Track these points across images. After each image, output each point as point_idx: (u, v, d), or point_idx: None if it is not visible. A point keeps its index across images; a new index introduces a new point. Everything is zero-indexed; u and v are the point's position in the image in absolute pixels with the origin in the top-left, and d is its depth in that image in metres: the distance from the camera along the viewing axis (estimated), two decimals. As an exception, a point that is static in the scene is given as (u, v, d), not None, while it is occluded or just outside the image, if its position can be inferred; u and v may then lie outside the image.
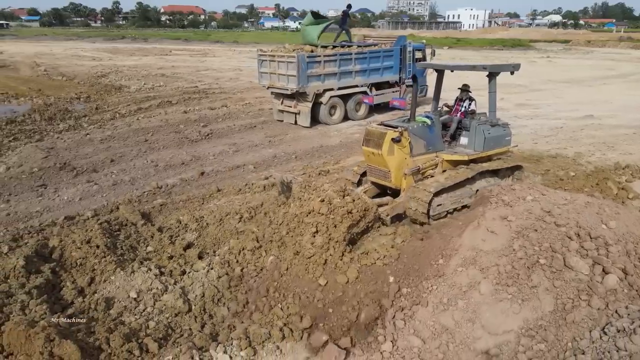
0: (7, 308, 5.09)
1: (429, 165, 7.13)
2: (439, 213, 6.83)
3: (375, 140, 6.80)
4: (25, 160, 10.66)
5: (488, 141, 7.30)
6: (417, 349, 4.30)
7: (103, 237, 6.44)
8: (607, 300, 4.00)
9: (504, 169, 7.70)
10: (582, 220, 4.67)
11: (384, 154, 6.69)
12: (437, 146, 7.30)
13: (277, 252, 5.79)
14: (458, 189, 7.01)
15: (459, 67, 7.94)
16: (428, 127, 7.10)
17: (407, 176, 6.92)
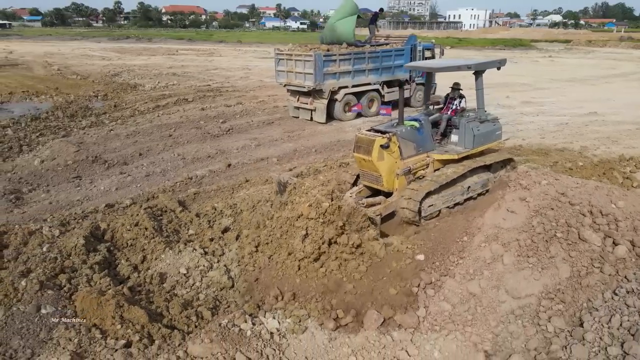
0: (74, 280, 5.65)
1: (420, 166, 7.16)
2: (430, 214, 6.88)
3: (364, 147, 6.79)
4: (58, 153, 11.21)
5: (477, 138, 7.39)
6: (447, 312, 4.85)
7: (150, 221, 7.02)
8: (617, 267, 4.54)
9: (496, 163, 7.79)
10: (593, 200, 5.21)
11: (374, 160, 6.70)
12: (428, 146, 7.31)
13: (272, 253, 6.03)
14: (449, 188, 7.06)
15: (445, 68, 7.95)
16: (417, 129, 7.13)
17: (399, 176, 6.95)
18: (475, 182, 7.43)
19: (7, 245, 6.56)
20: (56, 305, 5.20)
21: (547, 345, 4.15)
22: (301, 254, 5.60)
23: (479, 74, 7.41)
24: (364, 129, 7.27)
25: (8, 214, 8.19)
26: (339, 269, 5.53)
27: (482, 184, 7.54)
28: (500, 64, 7.54)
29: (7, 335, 4.80)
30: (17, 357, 4.55)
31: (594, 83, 24.07)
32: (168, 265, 6.30)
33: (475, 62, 7.38)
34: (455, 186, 7.15)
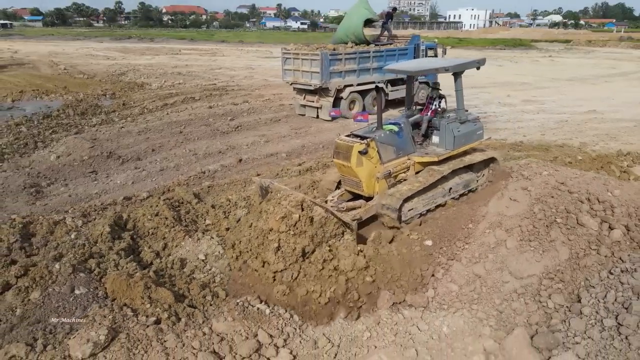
0: (103, 265, 6.01)
1: (401, 169, 7.10)
2: (411, 217, 6.81)
3: (343, 153, 6.69)
4: (73, 149, 11.57)
5: (458, 139, 7.30)
6: (455, 292, 5.20)
7: (169, 211, 7.38)
8: (613, 249, 4.89)
9: (479, 163, 7.72)
10: (591, 189, 5.57)
11: (352, 166, 6.62)
12: (408, 149, 7.23)
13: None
14: (430, 191, 6.98)
15: (423, 70, 7.85)
16: (396, 133, 7.03)
17: (380, 180, 6.87)
18: (457, 183, 7.39)
19: (35, 234, 6.90)
20: (88, 286, 5.56)
21: (548, 320, 4.50)
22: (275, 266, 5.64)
23: (457, 75, 7.33)
24: (343, 134, 7.17)
25: (31, 206, 8.54)
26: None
27: (464, 184, 7.52)
28: (479, 63, 7.42)
29: (46, 313, 5.16)
30: (56, 332, 4.91)
31: (594, 82, 24.43)
32: (188, 252, 6.65)
33: (453, 64, 7.26)
34: (436, 188, 7.08)
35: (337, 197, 7.29)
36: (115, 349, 4.70)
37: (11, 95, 18.50)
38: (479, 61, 7.46)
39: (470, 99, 18.60)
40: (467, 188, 7.60)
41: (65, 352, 4.66)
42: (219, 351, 4.80)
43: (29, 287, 5.40)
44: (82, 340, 4.73)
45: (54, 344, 4.79)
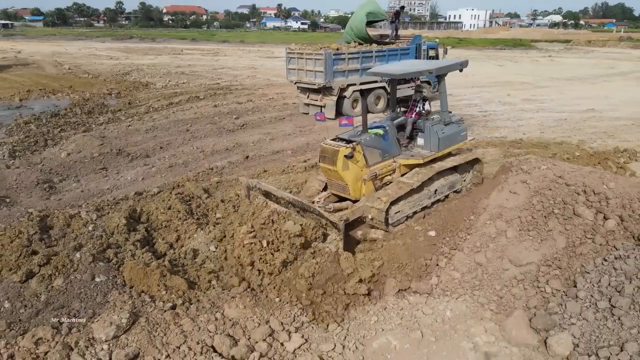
0: (120, 255, 6.28)
1: (387, 172, 7.18)
2: (398, 220, 6.87)
3: (329, 157, 6.70)
4: (83, 147, 11.84)
5: (442, 141, 7.39)
6: (457, 280, 5.46)
7: (181, 205, 7.65)
8: (607, 238, 5.15)
9: (463, 164, 7.84)
10: (587, 182, 5.83)
11: (339, 170, 6.64)
12: (393, 152, 7.31)
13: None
14: (416, 193, 7.04)
15: (407, 73, 7.93)
16: (381, 136, 7.09)
17: (367, 182, 6.92)
18: (442, 184, 7.49)
19: (52, 227, 7.17)
20: (107, 274, 5.84)
21: (545, 304, 4.76)
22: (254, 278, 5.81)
23: (441, 77, 7.48)
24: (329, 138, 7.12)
25: (45, 201, 8.82)
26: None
27: (449, 186, 7.66)
28: (462, 65, 7.53)
29: (69, 299, 5.44)
30: (80, 315, 5.18)
31: (593, 82, 24.70)
32: (200, 243, 6.93)
33: (436, 66, 7.39)
34: (422, 190, 7.15)
35: (324, 199, 7.30)
36: (137, 331, 4.97)
37: (19, 94, 18.78)
38: (462, 63, 7.61)
39: (471, 98, 18.91)
40: (452, 189, 7.75)
41: (89, 335, 4.93)
42: (233, 334, 5.07)
43: (52, 275, 5.67)
44: (105, 323, 5.00)
45: (78, 327, 5.06)
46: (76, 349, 4.77)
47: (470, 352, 4.45)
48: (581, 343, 4.23)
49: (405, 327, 4.84)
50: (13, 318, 5.15)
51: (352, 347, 4.74)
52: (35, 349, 4.76)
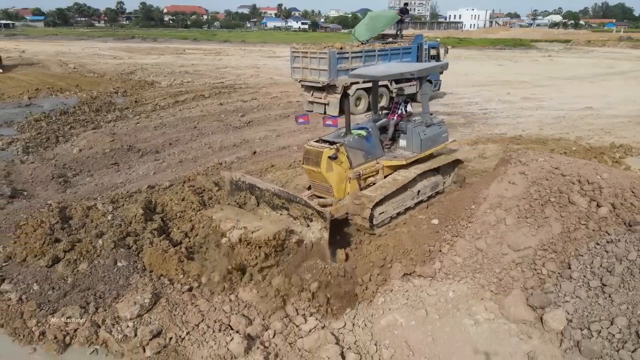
0: (139, 242, 6.61)
1: (370, 172, 7.22)
2: (382, 221, 6.91)
3: (313, 159, 6.70)
4: (94, 143, 12.18)
5: (425, 142, 7.48)
6: (459, 264, 5.80)
7: (194, 196, 7.99)
8: (600, 224, 5.48)
9: (445, 165, 7.97)
10: (582, 172, 6.16)
11: (323, 172, 6.63)
12: (377, 153, 7.35)
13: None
14: (399, 194, 7.09)
15: (388, 76, 7.91)
16: (364, 137, 7.11)
17: (351, 180, 6.93)
18: (425, 185, 7.57)
19: (72, 217, 7.52)
20: (128, 260, 6.19)
21: (542, 284, 5.10)
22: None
23: (422, 80, 7.61)
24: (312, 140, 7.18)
25: (62, 194, 9.15)
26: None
27: (431, 186, 7.75)
28: (442, 68, 7.71)
29: (93, 282, 5.79)
30: (105, 297, 5.53)
31: (592, 81, 25.02)
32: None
33: (417, 69, 7.50)
34: (405, 191, 7.21)
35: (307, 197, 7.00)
36: (158, 310, 5.33)
37: (27, 93, 19.11)
38: (442, 65, 7.87)
39: (471, 97, 19.25)
40: (434, 190, 7.84)
41: (114, 314, 5.28)
42: (248, 315, 5.41)
43: (77, 260, 6.02)
44: (130, 303, 5.36)
45: (104, 306, 5.41)
46: (103, 326, 5.12)
47: (472, 328, 4.78)
48: (574, 318, 4.57)
49: (411, 307, 5.18)
50: (42, 299, 5.50)
51: (361, 324, 5.08)
52: (64, 327, 5.11)
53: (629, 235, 5.11)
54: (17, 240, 6.70)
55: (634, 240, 5.02)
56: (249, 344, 4.77)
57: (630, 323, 4.32)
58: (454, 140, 8.98)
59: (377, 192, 6.82)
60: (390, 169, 7.40)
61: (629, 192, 5.80)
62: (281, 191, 6.40)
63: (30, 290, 5.63)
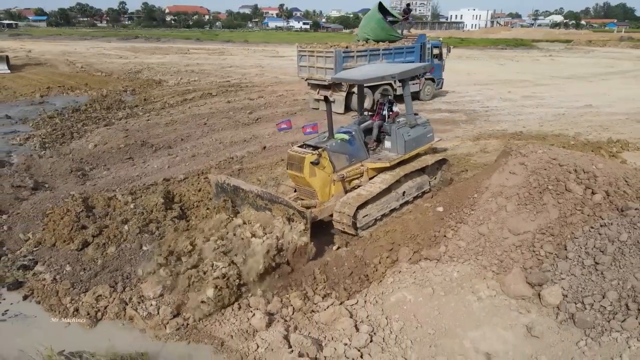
0: (161, 229, 7.03)
1: (354, 175, 7.24)
2: (366, 223, 6.94)
3: (296, 164, 6.74)
4: (109, 139, 12.60)
5: (409, 143, 7.53)
6: (463, 248, 6.19)
7: (210, 187, 8.38)
8: (594, 210, 5.87)
9: (430, 165, 8.03)
10: (578, 163, 6.55)
11: (306, 177, 6.68)
12: (361, 156, 7.37)
13: None
14: (383, 196, 7.11)
15: (370, 79, 7.92)
16: (348, 141, 7.13)
17: (336, 182, 7.00)
18: (410, 186, 7.63)
19: (94, 207, 7.93)
20: (152, 244, 6.59)
21: (540, 264, 5.49)
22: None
23: (404, 82, 7.74)
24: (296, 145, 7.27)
25: (81, 186, 9.57)
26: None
27: (417, 187, 7.79)
28: (424, 69, 7.80)
29: (121, 264, 6.21)
30: (131, 277, 5.94)
31: (592, 80, 25.38)
32: (230, 220, 7.66)
33: (399, 71, 7.54)
34: (390, 193, 7.26)
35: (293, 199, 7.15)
36: (180, 291, 5.72)
37: (39, 91, 19.54)
38: (424, 67, 8.04)
39: (473, 95, 19.63)
40: (420, 190, 7.88)
41: (139, 293, 5.69)
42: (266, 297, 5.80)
43: (105, 244, 6.45)
44: (155, 281, 5.76)
45: (130, 286, 5.82)
46: (130, 304, 5.53)
47: (475, 303, 5.18)
48: (569, 294, 4.96)
49: (418, 285, 5.58)
50: (75, 279, 5.93)
51: (372, 301, 5.48)
52: (96, 303, 5.52)
53: (621, 219, 5.50)
54: (46, 227, 7.13)
55: (625, 224, 5.41)
56: (270, 319, 5.17)
57: (621, 297, 4.71)
58: (439, 140, 8.91)
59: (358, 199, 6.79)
60: (375, 171, 7.43)
61: (622, 181, 6.19)
62: (264, 192, 6.63)
63: (63, 271, 6.05)
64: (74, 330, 5.20)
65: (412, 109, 7.87)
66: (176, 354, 4.81)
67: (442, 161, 8.47)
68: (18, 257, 6.51)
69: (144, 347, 4.78)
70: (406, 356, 4.59)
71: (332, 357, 4.57)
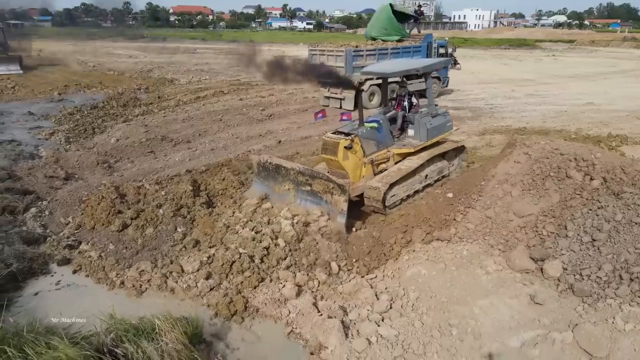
0: (191, 213, 7.61)
1: (382, 159, 8.01)
2: (393, 202, 7.65)
3: (331, 149, 7.42)
4: (130, 134, 13.21)
5: (431, 131, 8.27)
6: (471, 230, 6.74)
7: (234, 176, 8.98)
8: (592, 195, 6.41)
9: (450, 151, 8.80)
10: (578, 152, 7.09)
11: (339, 160, 7.36)
12: (387, 143, 8.11)
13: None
14: (409, 178, 7.85)
15: (397, 72, 8.62)
16: (376, 129, 7.89)
17: (366, 164, 7.76)
18: (432, 170, 8.39)
19: (126, 194, 8.50)
20: (185, 226, 7.18)
21: (542, 243, 6.03)
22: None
23: (427, 75, 8.44)
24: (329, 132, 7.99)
25: (109, 177, 10.17)
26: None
27: (438, 171, 8.54)
28: (445, 64, 8.76)
29: (159, 243, 6.79)
30: (170, 255, 6.52)
31: (594, 79, 25.86)
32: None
33: (422, 65, 8.32)
34: (414, 176, 8.01)
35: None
36: (214, 264, 6.29)
37: (57, 89, 20.20)
38: (445, 62, 9.03)
39: (478, 93, 20.16)
40: (440, 174, 8.62)
41: (178, 267, 6.26)
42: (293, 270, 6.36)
43: (144, 225, 7.03)
44: (192, 258, 6.34)
45: (169, 262, 6.39)
46: (170, 277, 6.11)
47: (483, 276, 5.74)
48: (569, 267, 5.51)
49: (432, 261, 6.14)
50: (118, 256, 6.52)
51: (390, 275, 6.05)
52: (139, 277, 6.10)
53: (617, 202, 6.05)
54: (84, 212, 7.71)
55: (620, 206, 5.96)
56: (299, 289, 5.74)
57: (615, 268, 5.26)
58: (457, 129, 9.74)
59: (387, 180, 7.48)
60: (400, 156, 8.21)
61: (619, 169, 6.72)
62: (305, 169, 7.36)
63: (107, 249, 6.64)
64: (122, 300, 5.77)
65: (433, 100, 8.58)
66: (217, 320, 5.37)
67: (460, 148, 9.18)
68: (62, 238, 7.11)
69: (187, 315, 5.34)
70: (422, 320, 5.15)
71: (357, 320, 5.14)
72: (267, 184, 7.93)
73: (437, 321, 5.12)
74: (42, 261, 6.43)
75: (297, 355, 4.84)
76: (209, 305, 5.58)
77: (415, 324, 5.06)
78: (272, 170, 7.87)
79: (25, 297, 5.72)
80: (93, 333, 4.61)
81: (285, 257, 6.25)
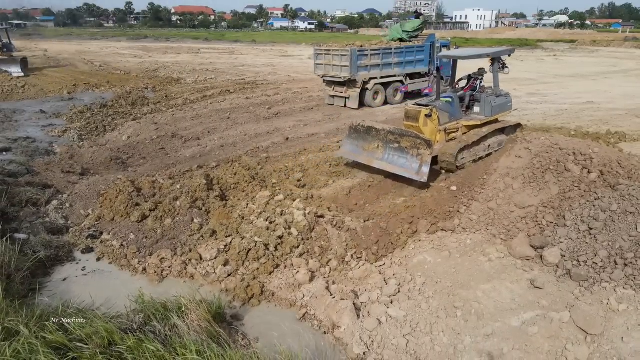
0: (206, 205, 7.95)
1: (452, 129, 9.46)
2: (462, 164, 9.12)
3: (413, 117, 8.88)
4: (141, 131, 13.57)
5: (495, 108, 9.69)
6: (474, 220, 7.08)
7: (245, 171, 9.32)
8: (590, 187, 6.74)
9: (509, 127, 10.20)
10: (576, 147, 7.43)
11: (420, 126, 8.79)
12: (458, 116, 9.58)
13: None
14: (475, 146, 9.32)
15: (470, 56, 9.99)
16: (450, 103, 9.37)
17: (441, 132, 9.25)
18: (494, 141, 9.74)
19: (142, 188, 8.85)
20: (201, 218, 7.52)
21: (542, 232, 6.37)
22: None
23: (494, 60, 9.67)
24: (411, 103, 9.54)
25: (124, 172, 10.51)
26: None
27: (498, 143, 9.72)
28: (510, 52, 10.01)
29: (177, 233, 7.12)
30: (188, 244, 6.86)
31: (595, 78, 26.12)
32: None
33: (492, 51, 9.71)
34: (479, 145, 9.45)
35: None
36: (231, 252, 6.63)
37: (66, 88, 20.58)
38: (510, 50, 10.09)
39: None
40: (500, 146, 9.60)
41: (197, 255, 6.60)
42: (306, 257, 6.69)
43: (162, 216, 7.38)
44: (209, 247, 6.68)
45: (188, 250, 6.73)
46: (190, 264, 6.45)
47: (486, 263, 6.07)
48: (567, 254, 5.84)
49: (437, 250, 6.48)
50: (140, 245, 6.86)
51: (397, 262, 6.38)
52: (160, 264, 6.44)
53: (613, 193, 6.38)
54: (102, 204, 8.05)
55: (616, 197, 6.28)
56: (312, 275, 6.08)
57: (610, 255, 5.58)
58: (516, 109, 11.01)
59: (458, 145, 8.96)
60: (468, 128, 9.60)
61: (616, 163, 7.06)
62: (395, 129, 8.86)
63: (128, 239, 6.99)
64: (145, 285, 6.10)
65: (499, 82, 9.90)
66: (236, 303, 5.71)
67: (517, 125, 10.49)
68: (83, 229, 7.46)
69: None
70: (429, 303, 5.48)
71: (367, 302, 5.48)
72: (357, 144, 9.45)
73: (442, 304, 5.45)
74: (67, 249, 6.78)
75: (312, 334, 5.17)
76: (227, 290, 5.93)
77: (422, 306, 5.39)
78: (363, 132, 9.34)
79: (54, 282, 6.07)
80: (121, 314, 4.96)
81: (298, 246, 6.59)
